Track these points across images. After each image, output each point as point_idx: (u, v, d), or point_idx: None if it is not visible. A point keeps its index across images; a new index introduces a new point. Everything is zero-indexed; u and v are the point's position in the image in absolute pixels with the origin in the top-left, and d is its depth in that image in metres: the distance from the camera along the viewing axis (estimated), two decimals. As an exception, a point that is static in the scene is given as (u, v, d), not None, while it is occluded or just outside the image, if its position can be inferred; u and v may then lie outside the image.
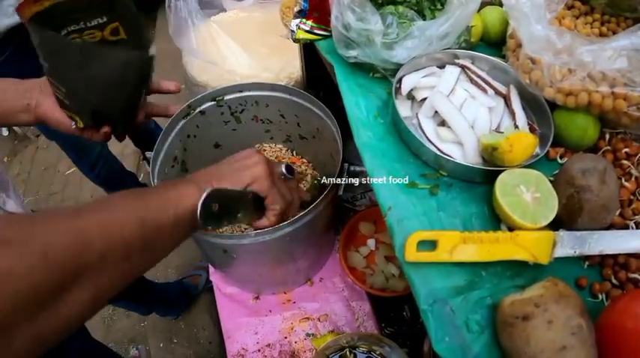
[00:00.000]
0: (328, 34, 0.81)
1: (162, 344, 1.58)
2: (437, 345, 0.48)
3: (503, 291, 0.52)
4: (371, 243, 1.20)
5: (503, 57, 0.74)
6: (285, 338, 1.14)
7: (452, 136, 0.64)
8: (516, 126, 0.65)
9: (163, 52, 1.22)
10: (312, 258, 1.14)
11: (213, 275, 1.26)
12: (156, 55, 0.68)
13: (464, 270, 0.53)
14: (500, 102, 0.68)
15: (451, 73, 0.69)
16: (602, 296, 0.53)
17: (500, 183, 0.55)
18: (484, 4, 0.79)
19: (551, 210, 0.54)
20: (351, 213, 1.27)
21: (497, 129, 0.65)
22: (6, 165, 2.36)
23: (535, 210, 0.54)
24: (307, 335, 1.14)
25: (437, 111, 0.66)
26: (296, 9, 0.85)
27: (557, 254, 0.52)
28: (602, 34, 0.68)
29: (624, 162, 0.61)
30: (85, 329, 0.96)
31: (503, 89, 0.69)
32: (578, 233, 0.53)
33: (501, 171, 0.56)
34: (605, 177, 0.53)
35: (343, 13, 0.67)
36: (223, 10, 1.48)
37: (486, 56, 0.72)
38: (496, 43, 0.78)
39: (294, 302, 1.18)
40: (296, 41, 0.85)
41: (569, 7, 0.72)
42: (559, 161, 0.64)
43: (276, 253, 0.97)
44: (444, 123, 0.66)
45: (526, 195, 0.55)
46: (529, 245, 0.52)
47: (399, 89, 0.69)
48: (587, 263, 0.56)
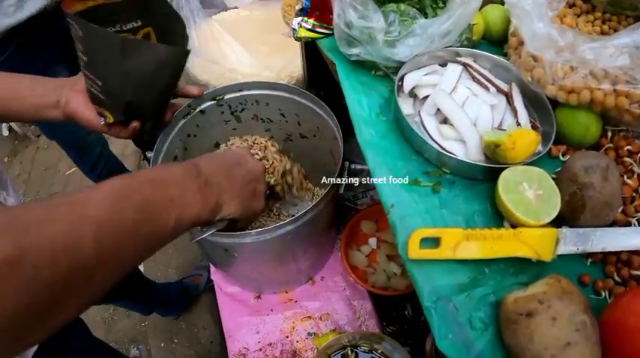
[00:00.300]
0: (330, 32, 0.81)
1: (163, 344, 1.58)
2: (440, 342, 0.48)
3: (507, 288, 0.52)
4: (372, 241, 1.20)
5: (505, 55, 0.74)
6: (287, 337, 1.14)
7: (454, 134, 0.64)
8: (518, 124, 0.65)
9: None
10: (314, 257, 1.14)
11: (215, 275, 1.26)
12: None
13: (467, 268, 0.53)
14: (503, 99, 0.68)
15: (453, 70, 0.69)
16: (605, 294, 0.53)
17: (503, 181, 0.55)
18: (486, 2, 0.79)
19: (553, 208, 0.54)
20: (352, 211, 1.27)
21: (500, 127, 0.65)
22: (6, 165, 2.35)
23: (538, 208, 0.54)
24: (309, 334, 1.14)
25: (439, 109, 0.66)
26: (298, 7, 0.85)
27: (560, 251, 0.53)
28: (603, 33, 0.68)
29: (626, 159, 0.61)
30: (86, 328, 0.96)
31: (505, 87, 0.69)
32: (581, 230, 0.53)
33: (504, 169, 0.56)
34: (607, 175, 0.53)
35: (345, 10, 0.67)
36: (225, 8, 1.48)
37: (488, 54, 0.72)
38: (498, 41, 0.78)
39: (296, 302, 1.18)
40: (298, 39, 0.85)
41: (571, 6, 0.72)
42: (561, 158, 0.64)
43: (278, 252, 0.97)
44: (446, 121, 0.66)
45: (529, 192, 0.55)
46: (532, 242, 0.52)
47: (401, 87, 0.69)
48: (589, 260, 0.56)
